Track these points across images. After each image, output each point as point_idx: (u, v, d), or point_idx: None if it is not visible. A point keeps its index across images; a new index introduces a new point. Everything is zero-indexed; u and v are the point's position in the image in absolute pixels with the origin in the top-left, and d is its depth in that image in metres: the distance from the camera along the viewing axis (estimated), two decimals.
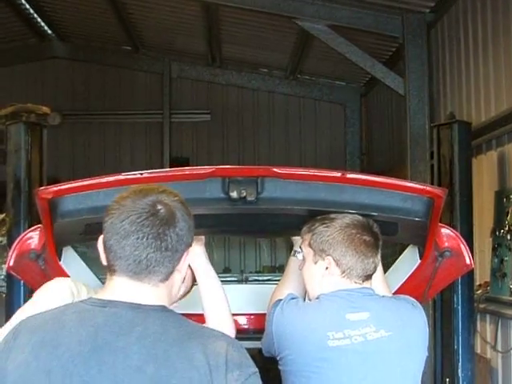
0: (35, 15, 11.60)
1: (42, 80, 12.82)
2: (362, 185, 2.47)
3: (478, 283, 6.60)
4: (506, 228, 6.12)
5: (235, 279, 11.76)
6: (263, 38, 10.73)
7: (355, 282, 2.40)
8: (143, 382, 1.65)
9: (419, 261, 2.89)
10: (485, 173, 6.85)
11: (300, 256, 2.53)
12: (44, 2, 11.07)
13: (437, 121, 7.31)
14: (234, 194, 2.42)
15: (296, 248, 2.63)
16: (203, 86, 13.18)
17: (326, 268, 2.40)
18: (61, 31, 12.55)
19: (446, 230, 2.77)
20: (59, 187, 2.49)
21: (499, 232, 6.20)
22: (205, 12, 9.93)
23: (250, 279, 12.20)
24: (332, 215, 2.43)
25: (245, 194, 2.42)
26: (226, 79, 13.01)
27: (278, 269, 11.99)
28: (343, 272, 2.39)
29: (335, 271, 2.39)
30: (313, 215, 2.51)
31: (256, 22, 9.86)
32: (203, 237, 2.60)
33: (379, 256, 2.45)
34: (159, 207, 1.77)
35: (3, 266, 5.81)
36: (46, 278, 2.68)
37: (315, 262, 2.42)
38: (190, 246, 1.85)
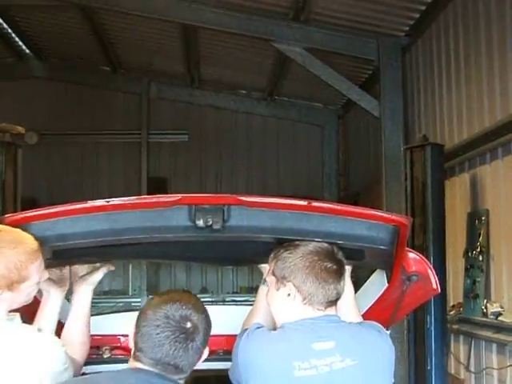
0: (13, 34, 11.60)
1: (20, 99, 12.77)
2: (328, 213, 2.49)
3: (451, 304, 6.66)
4: (478, 249, 6.19)
5: (211, 300, 11.75)
6: (241, 60, 10.82)
7: (318, 309, 2.39)
8: None
9: (387, 284, 2.92)
10: (458, 195, 6.94)
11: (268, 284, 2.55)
12: (22, 21, 11.08)
13: (411, 143, 7.39)
14: (201, 223, 2.42)
15: (265, 276, 2.62)
16: (181, 106, 13.22)
17: (288, 295, 2.39)
18: (39, 51, 12.55)
19: (413, 255, 2.80)
20: (26, 214, 2.50)
21: (471, 253, 6.27)
22: (183, 33, 10.00)
23: (227, 300, 12.19)
24: (297, 242, 2.44)
25: (211, 223, 2.43)
26: (204, 100, 13.07)
27: (255, 289, 11.95)
28: (304, 299, 2.38)
29: (297, 298, 2.39)
30: (280, 243, 2.53)
31: (234, 43, 9.94)
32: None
33: (343, 283, 2.44)
34: (189, 325, 2.24)
35: None
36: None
37: (277, 289, 2.43)
38: (205, 347, 2.32)
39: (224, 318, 3.36)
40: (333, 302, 2.42)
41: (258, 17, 8.41)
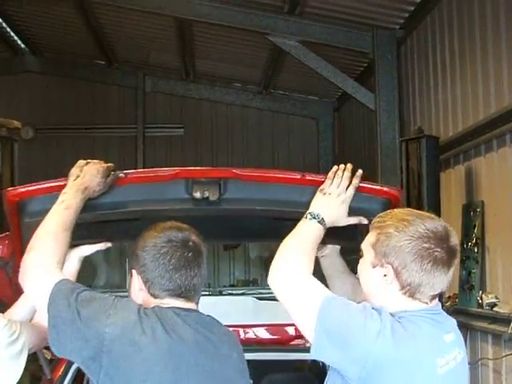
0: (8, 29, 11.57)
1: (15, 94, 12.75)
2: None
3: (447, 295, 6.70)
4: (474, 241, 6.23)
5: (208, 293, 11.77)
6: (236, 53, 10.82)
7: (420, 301, 2.10)
8: None
9: None
10: (453, 187, 6.96)
11: (313, 219, 2.31)
12: (16, 15, 11.05)
13: (407, 135, 7.42)
14: (198, 195, 2.49)
15: (310, 211, 2.35)
16: (177, 100, 13.22)
17: (384, 275, 2.08)
18: (34, 45, 12.52)
19: None
20: (27, 188, 2.52)
21: (467, 245, 6.30)
22: (178, 27, 9.99)
23: (223, 293, 12.21)
24: (407, 217, 2.11)
25: (208, 195, 2.48)
26: (199, 94, 13.07)
27: (252, 282, 12.00)
28: (403, 288, 2.07)
29: (394, 284, 2.07)
30: (274, 219, 2.56)
31: (229, 37, 9.94)
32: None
33: (452, 273, 2.12)
34: (192, 244, 2.19)
35: None
36: (13, 286, 2.69)
37: (373, 266, 2.11)
38: None
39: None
40: (436, 296, 2.14)
41: (253, 10, 8.43)
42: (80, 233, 2.52)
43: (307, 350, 3.55)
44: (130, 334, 2.03)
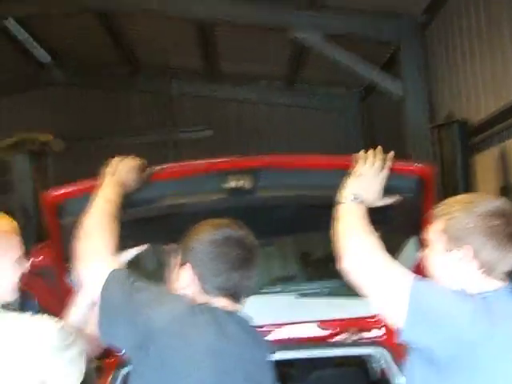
0: (34, 43, 11.67)
1: (42, 108, 12.89)
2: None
3: None
4: None
5: None
6: (259, 51, 10.79)
7: (497, 280, 2.09)
8: None
9: (419, 253, 2.86)
10: (488, 169, 6.85)
11: (355, 200, 2.29)
12: (40, 29, 11.16)
13: (437, 121, 7.33)
14: (233, 184, 2.48)
15: (349, 193, 2.32)
16: (203, 102, 13.22)
17: (460, 259, 2.08)
18: (59, 58, 12.63)
19: None
20: (65, 189, 2.53)
21: None
22: (200, 28, 10.01)
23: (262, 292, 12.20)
24: (471, 199, 2.15)
25: (243, 184, 2.48)
26: (225, 94, 13.07)
27: (288, 278, 11.94)
28: (482, 266, 2.07)
29: (473, 264, 2.07)
30: (310, 203, 2.52)
31: (251, 35, 9.92)
32: None
33: None
34: (249, 243, 2.12)
35: None
36: (55, 294, 2.69)
37: (449, 250, 2.09)
38: None
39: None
40: (509, 273, 2.14)
41: (274, 6, 8.39)
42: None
43: (351, 345, 3.55)
44: (181, 326, 2.00)
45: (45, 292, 2.87)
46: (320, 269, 3.81)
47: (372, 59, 9.11)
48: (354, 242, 2.16)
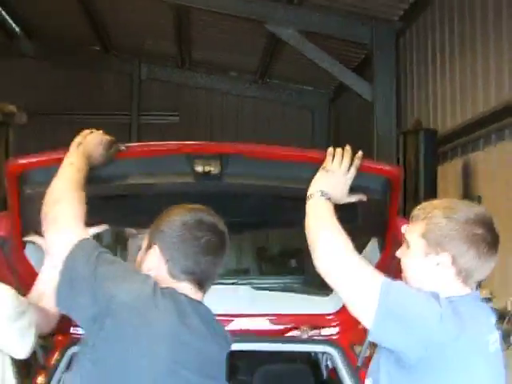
0: (3, 12, 11.46)
1: (9, 79, 12.62)
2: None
3: None
4: None
5: None
6: (233, 42, 10.75)
7: (470, 288, 2.12)
8: None
9: (379, 254, 2.87)
10: (450, 180, 6.94)
11: (323, 196, 2.26)
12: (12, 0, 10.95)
13: (404, 127, 7.40)
14: (200, 169, 2.46)
15: (317, 189, 2.28)
16: (172, 88, 13.14)
17: (437, 264, 2.08)
18: (29, 30, 12.41)
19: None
20: (29, 159, 2.47)
21: None
22: (175, 14, 9.92)
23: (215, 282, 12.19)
24: (452, 205, 2.14)
25: (209, 169, 2.46)
26: (195, 82, 13.00)
27: (244, 272, 11.97)
28: (459, 273, 2.08)
29: (450, 270, 2.08)
30: (276, 193, 2.52)
31: (227, 25, 9.88)
32: None
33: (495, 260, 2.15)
34: (221, 230, 2.10)
35: None
36: (9, 267, 2.63)
37: (426, 255, 2.09)
38: None
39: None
40: (481, 281, 2.18)
41: None
42: None
43: (303, 341, 3.55)
44: (142, 305, 1.96)
45: (1, 263, 2.80)
46: (279, 263, 3.80)
47: (345, 60, 9.14)
48: (325, 238, 2.14)
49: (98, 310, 1.95)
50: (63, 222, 2.10)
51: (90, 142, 2.42)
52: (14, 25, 12.11)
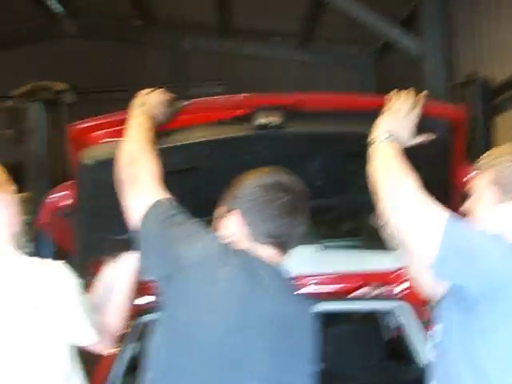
0: None
1: (53, 59, 12.74)
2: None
3: None
4: None
5: None
6: (275, 6, 10.61)
7: None
8: None
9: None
10: (509, 130, 6.75)
11: (389, 138, 2.19)
12: None
13: (456, 81, 7.20)
14: (262, 121, 2.47)
15: (383, 130, 2.20)
16: (215, 57, 13.08)
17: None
18: (71, 9, 12.46)
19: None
20: (93, 122, 2.60)
21: None
22: None
23: None
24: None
25: (271, 120, 2.46)
26: (238, 50, 12.91)
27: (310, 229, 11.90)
28: None
29: None
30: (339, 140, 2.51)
31: None
32: None
33: None
34: (300, 190, 2.07)
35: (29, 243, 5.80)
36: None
37: (502, 201, 2.06)
38: None
39: None
40: None
41: None
42: None
43: (373, 299, 3.51)
44: (210, 263, 1.95)
45: (66, 233, 2.82)
46: (345, 220, 3.74)
47: (390, 15, 8.92)
48: (391, 181, 2.08)
49: (170, 269, 1.96)
50: (143, 182, 2.08)
51: (151, 102, 2.40)
52: (56, 4, 12.17)
